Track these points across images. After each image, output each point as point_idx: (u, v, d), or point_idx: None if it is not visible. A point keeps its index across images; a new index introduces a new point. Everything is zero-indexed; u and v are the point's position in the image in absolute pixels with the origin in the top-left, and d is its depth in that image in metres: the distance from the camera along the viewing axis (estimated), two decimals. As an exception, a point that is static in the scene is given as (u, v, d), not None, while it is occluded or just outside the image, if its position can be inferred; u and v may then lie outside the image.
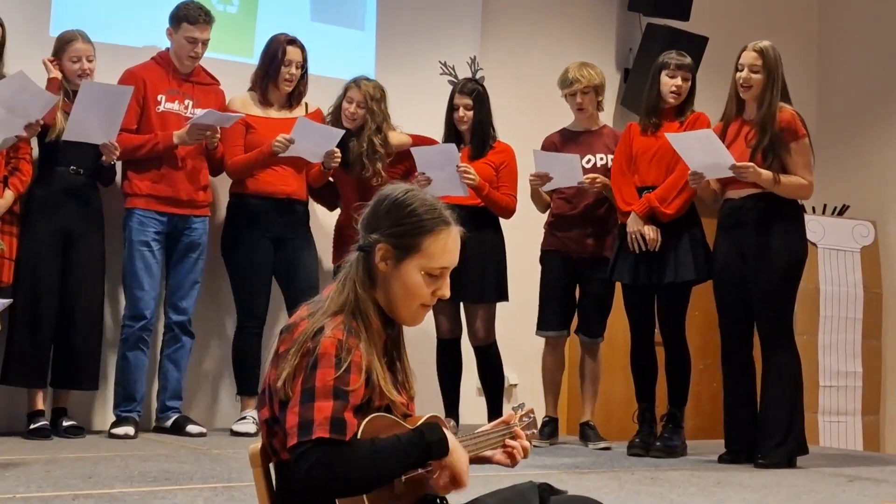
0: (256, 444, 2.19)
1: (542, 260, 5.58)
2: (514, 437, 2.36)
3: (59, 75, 4.93)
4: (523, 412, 2.44)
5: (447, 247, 2.21)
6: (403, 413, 2.19)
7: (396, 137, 5.58)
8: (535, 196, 5.54)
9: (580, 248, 5.44)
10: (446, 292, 2.24)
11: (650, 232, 5.02)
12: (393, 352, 2.26)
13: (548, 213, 5.60)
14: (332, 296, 2.19)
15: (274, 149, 5.24)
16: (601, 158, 5.45)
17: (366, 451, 2.02)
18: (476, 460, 2.32)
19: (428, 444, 2.08)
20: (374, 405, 2.11)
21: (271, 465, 2.19)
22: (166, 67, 5.31)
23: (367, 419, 2.06)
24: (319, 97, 5.62)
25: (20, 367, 4.96)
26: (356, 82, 5.52)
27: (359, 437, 2.04)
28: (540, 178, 5.36)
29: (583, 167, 5.36)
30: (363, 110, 5.47)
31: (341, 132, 5.33)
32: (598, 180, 5.30)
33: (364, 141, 5.44)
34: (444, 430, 2.12)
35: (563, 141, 5.56)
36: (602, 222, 5.42)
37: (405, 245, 2.18)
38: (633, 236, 5.04)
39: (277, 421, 2.11)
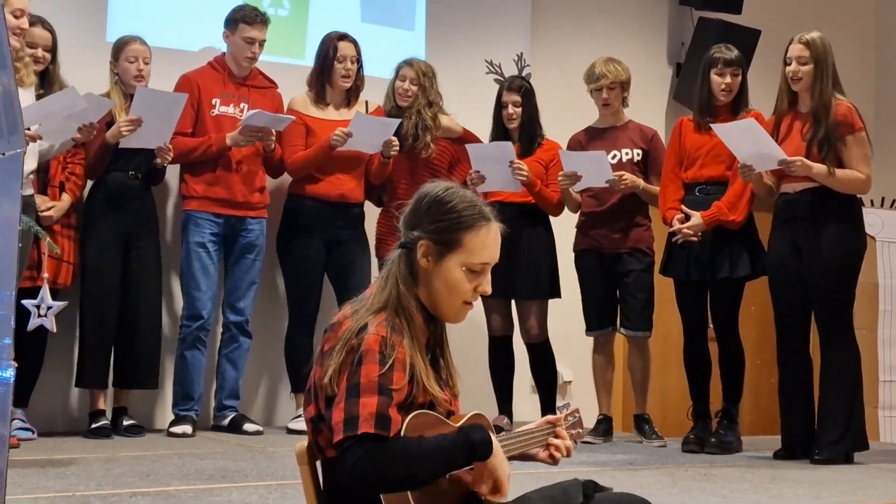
0: (303, 442, 2.22)
1: (576, 261, 5.55)
2: (558, 436, 2.37)
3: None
4: (568, 412, 2.45)
5: (487, 242, 2.24)
6: (447, 410, 2.21)
7: (448, 120, 5.63)
8: (566, 196, 5.50)
9: (613, 244, 5.41)
10: (487, 288, 2.26)
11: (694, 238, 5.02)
12: (436, 349, 2.28)
13: (578, 212, 5.59)
14: (375, 293, 2.22)
15: (332, 142, 5.28)
16: (626, 153, 5.44)
17: (411, 448, 2.05)
18: (520, 458, 2.35)
19: (472, 445, 2.10)
20: (418, 402, 2.14)
21: (318, 463, 2.23)
22: (221, 71, 5.38)
23: (410, 416, 2.09)
24: (369, 97, 5.65)
25: (89, 370, 5.07)
26: (408, 61, 5.59)
27: (402, 433, 2.06)
28: (569, 178, 5.33)
29: (609, 163, 5.34)
30: (416, 87, 5.51)
31: (398, 121, 5.38)
32: (625, 177, 5.27)
33: (413, 114, 5.49)
34: (489, 431, 2.14)
35: (588, 138, 5.55)
36: (632, 215, 5.39)
37: (446, 241, 2.21)
38: (689, 235, 5.01)
39: (323, 419, 2.14)
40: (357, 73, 5.53)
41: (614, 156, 5.41)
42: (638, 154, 5.42)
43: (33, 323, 3.83)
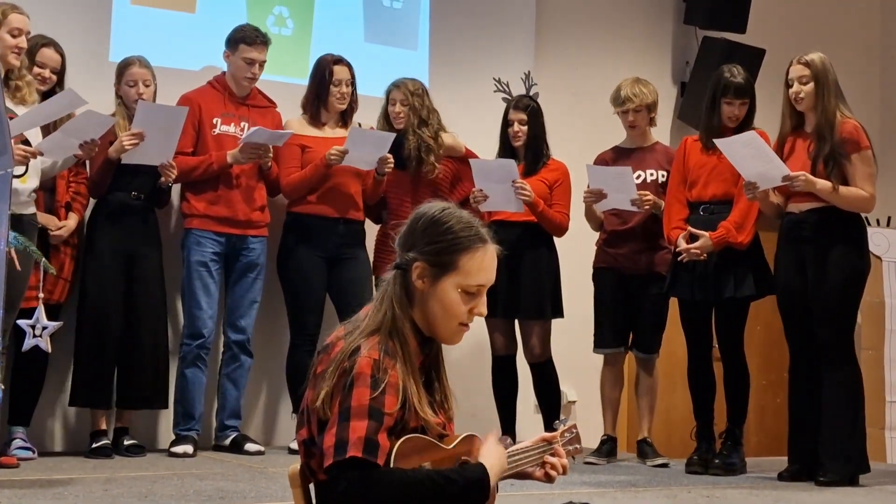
0: (296, 465, 2.21)
1: (594, 277, 5.55)
2: (554, 454, 2.35)
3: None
4: (565, 428, 2.43)
5: (484, 264, 2.22)
6: (439, 434, 2.19)
7: (450, 139, 5.61)
8: (589, 214, 5.52)
9: (633, 265, 5.41)
10: (483, 310, 2.25)
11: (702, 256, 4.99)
12: (431, 371, 2.26)
13: (600, 230, 5.57)
14: (370, 315, 2.21)
15: (329, 161, 5.28)
16: (651, 174, 5.43)
17: (402, 478, 2.03)
18: (516, 476, 2.33)
19: (467, 485, 2.09)
20: (410, 426, 2.12)
21: (311, 486, 2.21)
22: (222, 91, 5.39)
23: (401, 440, 2.07)
24: (374, 118, 5.65)
25: (87, 389, 5.06)
26: (395, 83, 5.59)
27: (393, 457, 2.05)
28: (593, 195, 5.33)
29: (634, 181, 5.32)
30: (406, 107, 5.51)
31: (393, 136, 5.39)
32: (648, 198, 5.26)
33: (411, 135, 5.48)
34: (487, 474, 2.12)
35: (615, 158, 5.54)
36: (654, 237, 5.38)
37: (442, 263, 2.19)
38: (696, 255, 4.98)
39: (315, 442, 2.13)
40: (351, 95, 5.54)
41: (639, 176, 5.40)
42: (663, 175, 5.40)
43: (28, 343, 3.81)
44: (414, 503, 2.04)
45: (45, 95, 4.85)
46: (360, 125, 5.58)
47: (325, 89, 5.47)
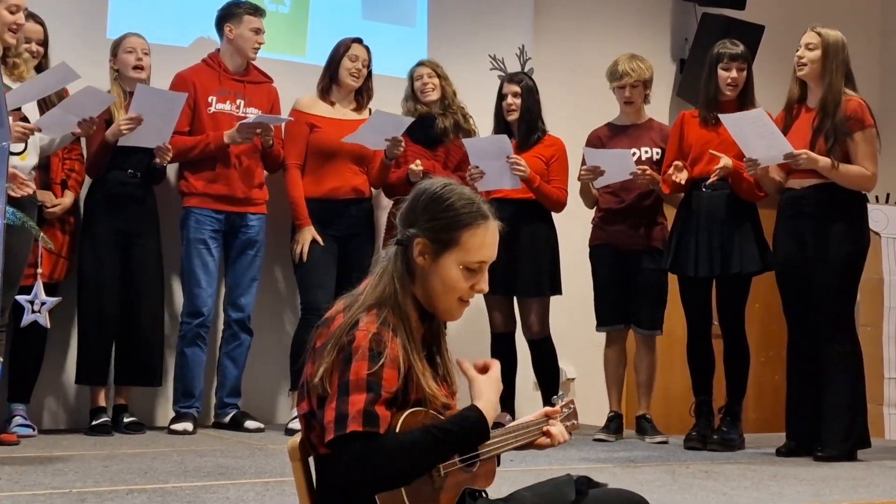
0: (296, 438, 2.21)
1: (591, 256, 5.54)
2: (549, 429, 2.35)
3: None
4: (563, 403, 2.43)
5: (485, 241, 2.21)
6: (443, 404, 2.18)
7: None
8: (584, 191, 5.50)
9: (630, 241, 5.40)
10: (485, 287, 2.24)
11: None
12: (432, 346, 2.26)
13: (595, 208, 5.56)
14: (369, 289, 2.20)
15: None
16: (646, 151, 5.42)
17: (401, 440, 2.03)
18: (520, 448, 2.33)
19: (465, 433, 2.09)
20: (410, 398, 2.12)
21: (311, 460, 2.21)
22: (216, 68, 5.37)
23: (404, 414, 2.07)
24: (373, 95, 5.63)
25: (85, 367, 5.07)
26: (418, 62, 5.66)
27: (398, 430, 2.05)
28: (591, 173, 5.31)
29: (633, 161, 5.31)
30: (437, 79, 5.54)
31: (410, 120, 5.37)
32: (647, 173, 5.25)
33: (445, 114, 5.53)
34: (482, 412, 2.12)
35: (609, 135, 5.52)
36: (650, 214, 5.38)
37: (443, 239, 2.18)
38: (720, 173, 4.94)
39: (315, 415, 2.13)
40: (367, 79, 5.52)
41: (634, 153, 5.38)
42: (657, 153, 5.39)
43: (27, 319, 3.82)
44: (417, 462, 2.04)
45: (35, 70, 4.83)
46: (370, 110, 5.54)
47: (338, 63, 5.45)
